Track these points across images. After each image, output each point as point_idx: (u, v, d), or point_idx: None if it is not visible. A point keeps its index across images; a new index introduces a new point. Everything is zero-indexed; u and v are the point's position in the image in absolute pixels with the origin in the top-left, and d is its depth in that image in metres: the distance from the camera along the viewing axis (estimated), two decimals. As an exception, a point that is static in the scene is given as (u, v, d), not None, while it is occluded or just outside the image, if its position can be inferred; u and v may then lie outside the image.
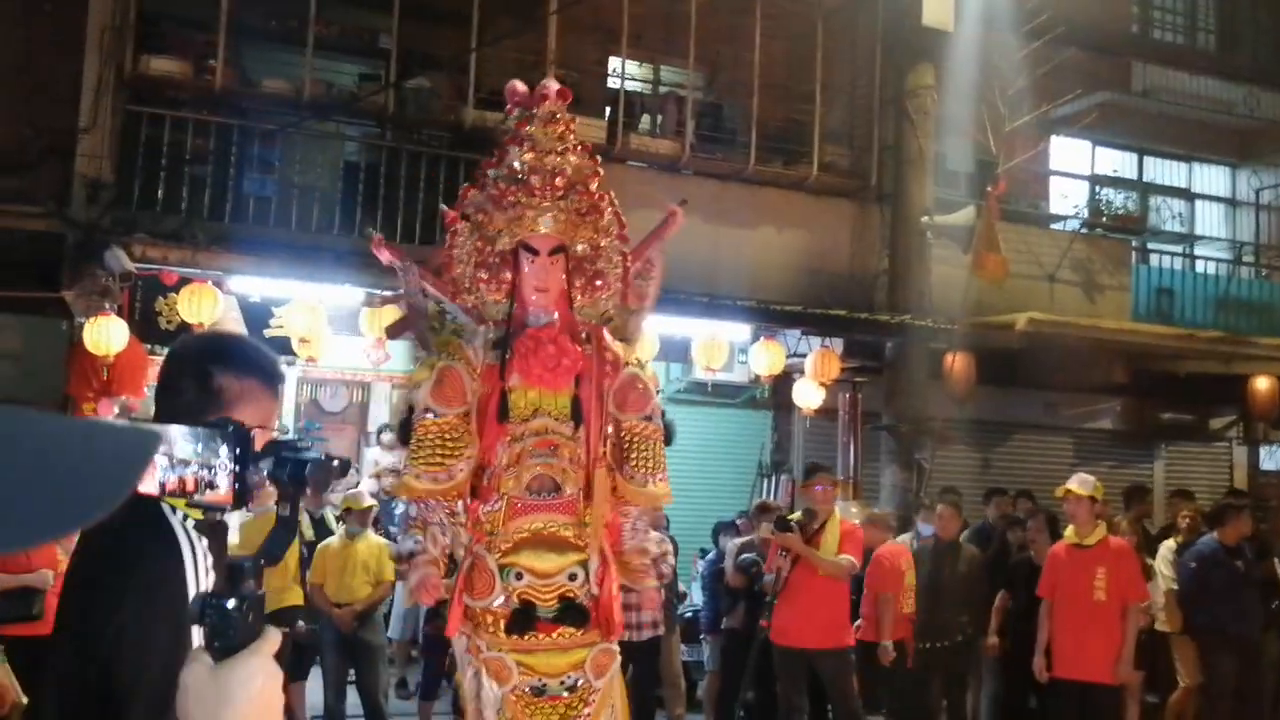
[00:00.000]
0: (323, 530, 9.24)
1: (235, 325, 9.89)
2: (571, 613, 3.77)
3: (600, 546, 3.88)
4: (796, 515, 7.70)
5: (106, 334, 8.64)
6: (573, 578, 3.80)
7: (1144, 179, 15.31)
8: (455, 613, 3.86)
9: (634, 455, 3.92)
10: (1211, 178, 15.72)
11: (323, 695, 8.34)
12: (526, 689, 3.76)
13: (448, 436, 3.79)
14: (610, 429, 3.95)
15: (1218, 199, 15.71)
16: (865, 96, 12.25)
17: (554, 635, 3.77)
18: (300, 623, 8.39)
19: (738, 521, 9.65)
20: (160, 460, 1.64)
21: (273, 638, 1.52)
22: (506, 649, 3.76)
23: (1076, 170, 14.68)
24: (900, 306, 11.16)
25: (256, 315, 9.89)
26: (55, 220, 9.49)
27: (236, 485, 1.64)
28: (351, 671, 8.60)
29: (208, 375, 2.15)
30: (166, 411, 2.16)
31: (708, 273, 10.23)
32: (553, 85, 4.00)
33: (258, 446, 1.92)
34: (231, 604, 1.54)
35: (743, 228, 11.24)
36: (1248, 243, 15.41)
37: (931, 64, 11.44)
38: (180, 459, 1.65)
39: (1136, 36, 14.44)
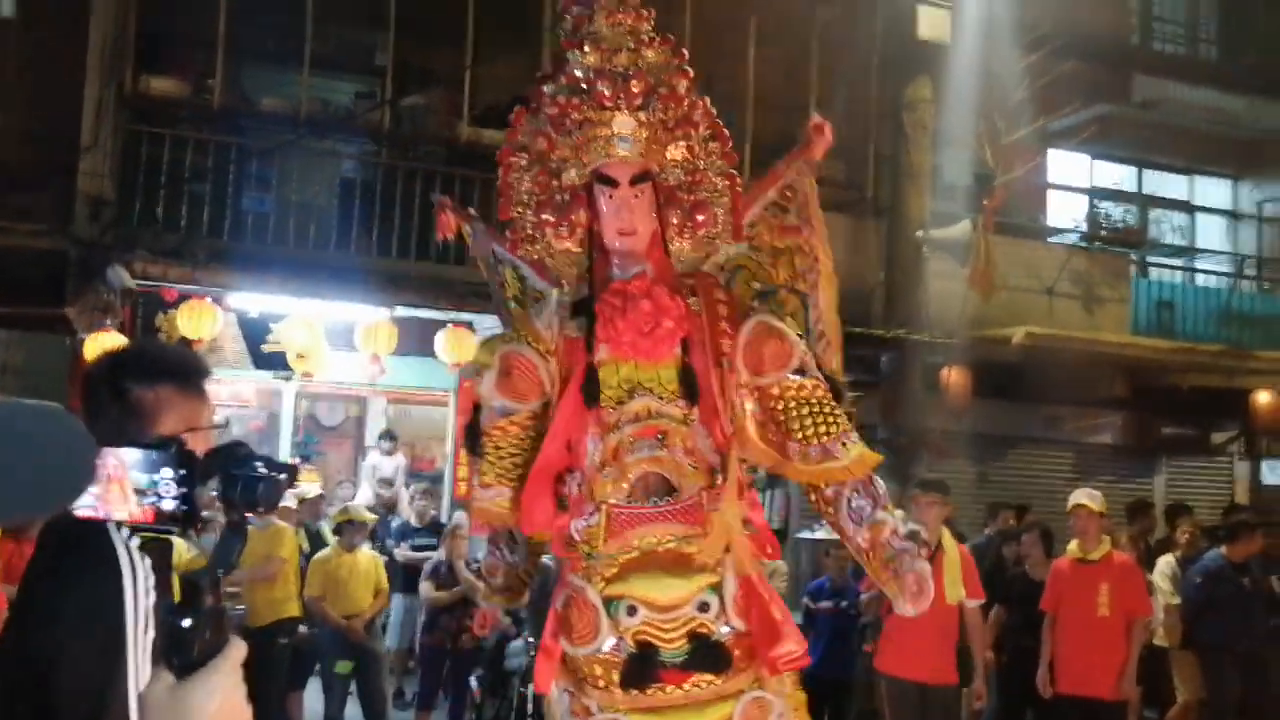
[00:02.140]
0: (318, 543, 9.30)
1: (233, 341, 9.99)
2: (706, 654, 2.87)
3: (738, 561, 2.97)
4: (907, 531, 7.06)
5: (100, 351, 8.71)
6: (704, 608, 2.89)
7: (1144, 192, 15.28)
8: (546, 664, 3.01)
9: (799, 424, 2.98)
10: (1212, 190, 15.68)
11: (323, 704, 8.38)
12: None
13: (526, 439, 3.03)
14: (750, 404, 3.03)
15: (1219, 212, 15.67)
16: (862, 110, 12.27)
17: (686, 686, 2.87)
18: (302, 628, 8.47)
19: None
20: (108, 484, 1.66)
21: (236, 651, 1.52)
22: (624, 708, 2.88)
23: (1075, 183, 14.67)
24: (897, 320, 11.17)
25: (255, 330, 9.98)
26: (58, 238, 9.59)
27: (185, 507, 1.64)
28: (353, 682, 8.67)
29: (123, 391, 2.10)
30: (95, 435, 2.11)
31: (703, 287, 10.26)
32: None
33: (194, 448, 1.94)
34: (187, 622, 1.54)
35: (738, 242, 11.26)
36: (1249, 256, 15.35)
37: (928, 77, 11.45)
38: (129, 482, 1.64)
39: (1137, 47, 14.44)
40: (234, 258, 9.69)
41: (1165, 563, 8.97)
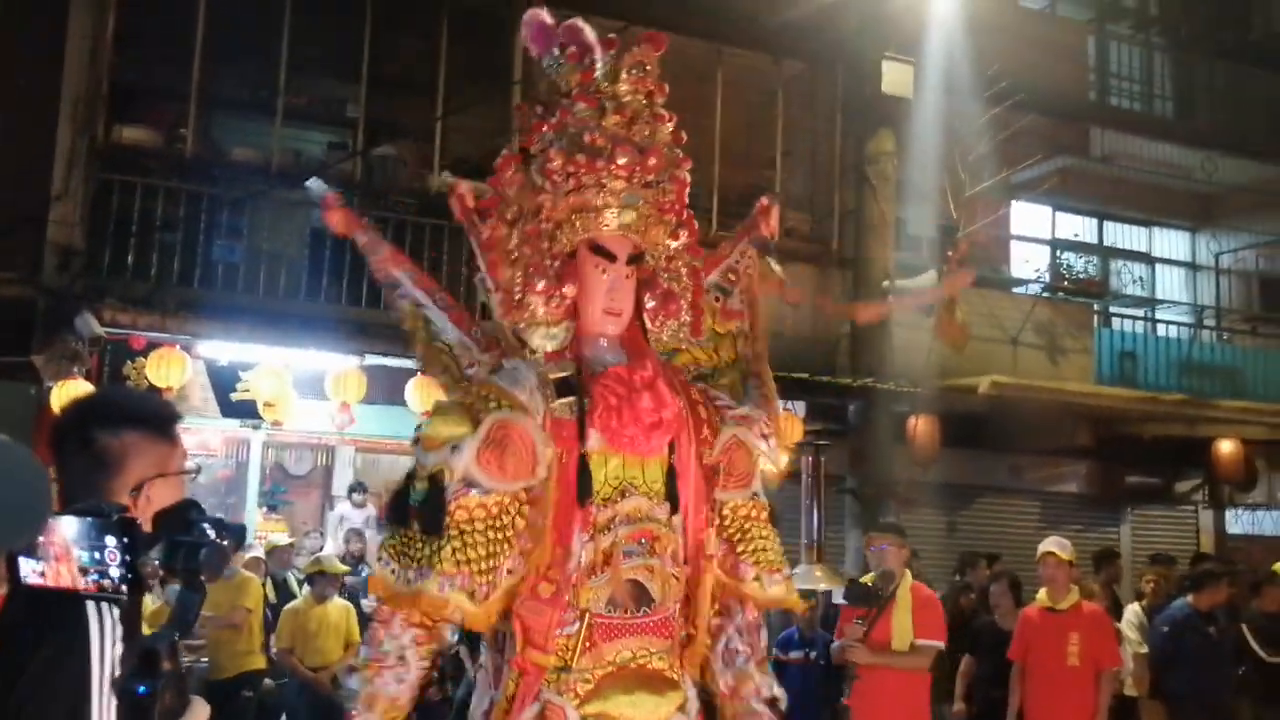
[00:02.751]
0: (285, 592, 9.23)
1: (202, 390, 9.95)
2: None
3: (694, 677, 2.91)
4: (870, 577, 6.76)
5: (65, 401, 8.67)
6: None
7: (1104, 243, 15.55)
8: None
9: (745, 546, 2.94)
10: (1171, 242, 15.97)
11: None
12: None
13: (499, 527, 2.66)
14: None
15: (1178, 263, 15.95)
16: (826, 162, 12.44)
17: None
18: (268, 681, 8.38)
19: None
20: (54, 560, 1.65)
21: (198, 714, 1.52)
22: None
23: (1038, 234, 14.91)
24: (863, 369, 11.27)
25: (224, 379, 9.95)
26: (27, 287, 9.55)
27: (129, 575, 1.65)
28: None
29: (90, 440, 2.08)
30: (62, 484, 2.05)
31: (670, 337, 10.32)
32: (588, 32, 2.96)
33: (154, 496, 1.93)
34: (143, 689, 1.55)
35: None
36: (1209, 306, 15.62)
37: (892, 130, 11.65)
38: (73, 558, 1.65)
39: (1094, 103, 14.72)
40: (204, 306, 9.68)
41: (1132, 611, 9.03)
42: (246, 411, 9.97)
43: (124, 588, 1.66)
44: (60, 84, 9.91)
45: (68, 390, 8.75)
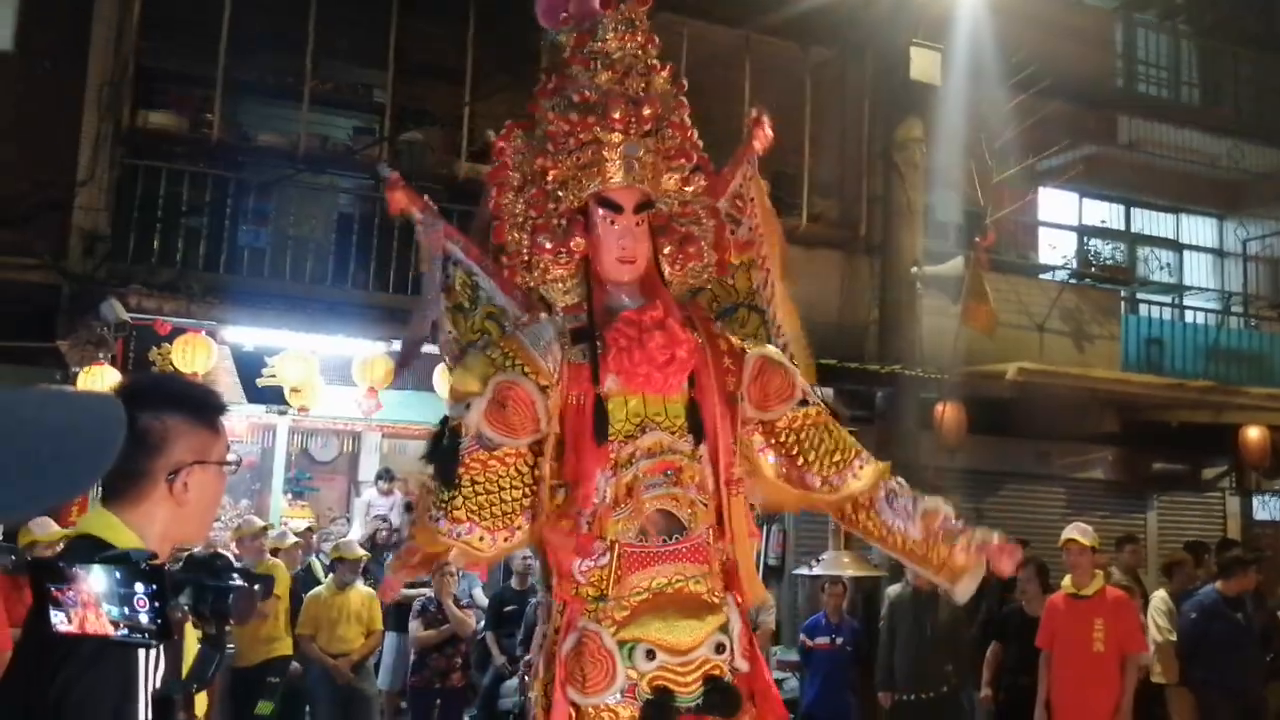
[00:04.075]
0: (308, 577, 9.25)
1: (228, 376, 9.96)
2: (720, 698, 2.82)
3: (737, 600, 2.96)
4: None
5: (100, 384, 8.68)
6: (719, 649, 2.85)
7: (1131, 230, 15.45)
8: (559, 716, 2.84)
9: (814, 455, 3.01)
10: (1199, 229, 15.86)
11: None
12: None
13: (511, 479, 2.86)
14: (758, 438, 3.03)
15: (1205, 250, 15.85)
16: (854, 149, 12.39)
17: None
18: (295, 664, 8.41)
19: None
20: (82, 607, 1.65)
21: None
22: None
23: (1064, 221, 14.82)
24: (890, 356, 11.21)
25: (249, 365, 9.95)
26: (52, 272, 9.57)
27: (159, 621, 1.65)
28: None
29: (131, 421, 2.08)
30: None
31: (699, 323, 10.27)
32: None
33: (192, 484, 1.88)
34: None
35: (733, 279, 11.29)
36: (1236, 293, 15.52)
37: (919, 117, 11.57)
38: (104, 608, 1.65)
39: (1121, 90, 14.62)
40: (230, 292, 9.69)
41: (1160, 598, 8.96)
42: (272, 397, 9.97)
43: (154, 634, 1.66)
44: (86, 69, 9.92)
45: (93, 376, 8.78)
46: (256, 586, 1.87)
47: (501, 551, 2.90)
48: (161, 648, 1.81)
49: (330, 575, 8.74)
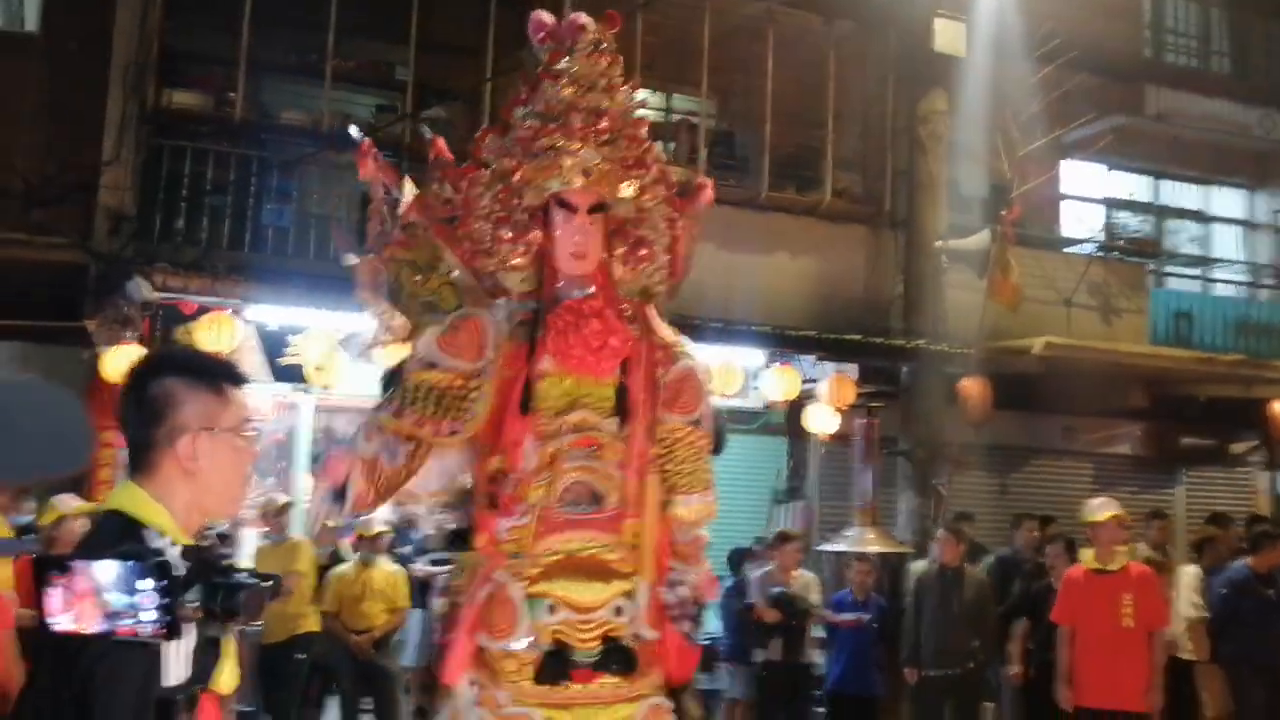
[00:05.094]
0: (334, 557, 9.29)
1: (253, 353, 10.00)
2: (616, 657, 3.12)
3: (651, 573, 3.24)
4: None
5: (126, 362, 8.73)
6: (618, 612, 3.14)
7: (1159, 202, 15.27)
8: (458, 654, 3.17)
9: (672, 465, 3.29)
10: (1227, 200, 15.65)
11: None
12: None
13: (451, 394, 3.17)
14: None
15: (1234, 221, 15.65)
16: (878, 122, 12.29)
17: (594, 685, 3.10)
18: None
19: (755, 549, 9.63)
20: (79, 599, 1.63)
21: None
22: (533, 702, 3.07)
23: (1091, 194, 14.65)
24: (916, 331, 11.16)
25: (273, 343, 9.98)
26: (78, 252, 9.63)
27: (167, 618, 1.63)
28: (368, 700, 8.63)
29: (143, 388, 2.10)
30: (126, 442, 2.11)
31: (721, 299, 10.26)
32: (585, 17, 3.40)
33: (202, 452, 1.87)
34: None
35: (756, 254, 11.25)
36: (1266, 265, 15.34)
37: (944, 90, 11.47)
38: (101, 599, 1.63)
39: (1149, 60, 14.45)
40: (254, 270, 9.71)
41: (1191, 574, 8.89)
42: (296, 376, 10.00)
43: (161, 630, 1.64)
44: (111, 51, 9.95)
45: (119, 355, 8.82)
46: (266, 583, 1.87)
47: (439, 445, 3.17)
48: (172, 645, 1.80)
49: (356, 553, 8.78)
